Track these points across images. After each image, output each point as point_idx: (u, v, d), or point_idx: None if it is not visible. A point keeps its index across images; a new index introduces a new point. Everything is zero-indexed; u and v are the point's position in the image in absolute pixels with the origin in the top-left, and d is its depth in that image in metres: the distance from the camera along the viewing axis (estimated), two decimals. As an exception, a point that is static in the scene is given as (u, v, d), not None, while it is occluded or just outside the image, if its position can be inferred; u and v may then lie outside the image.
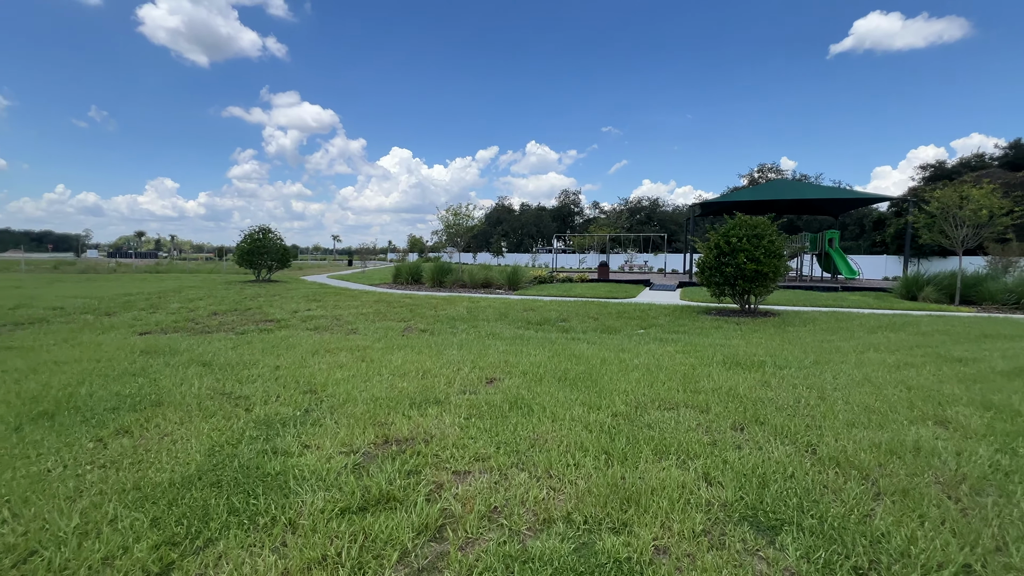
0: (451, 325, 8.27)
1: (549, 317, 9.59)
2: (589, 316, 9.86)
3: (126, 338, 6.50)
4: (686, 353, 5.78)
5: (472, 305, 11.28)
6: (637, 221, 65.30)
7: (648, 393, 3.96)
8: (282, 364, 4.90)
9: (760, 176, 49.86)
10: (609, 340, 7.02)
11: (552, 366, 4.92)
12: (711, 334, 7.67)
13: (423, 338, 6.84)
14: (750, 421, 3.32)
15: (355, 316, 9.06)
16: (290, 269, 30.84)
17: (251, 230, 17.87)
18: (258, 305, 10.50)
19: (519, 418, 3.33)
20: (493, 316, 9.56)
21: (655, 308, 11.21)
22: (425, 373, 4.62)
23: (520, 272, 16.79)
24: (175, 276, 22.24)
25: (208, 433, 2.99)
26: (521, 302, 12.16)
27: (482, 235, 71.17)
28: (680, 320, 9.34)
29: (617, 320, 9.42)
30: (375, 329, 7.62)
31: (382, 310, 10.11)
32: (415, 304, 11.31)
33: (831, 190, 20.39)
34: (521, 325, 8.64)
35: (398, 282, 18.47)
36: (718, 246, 9.80)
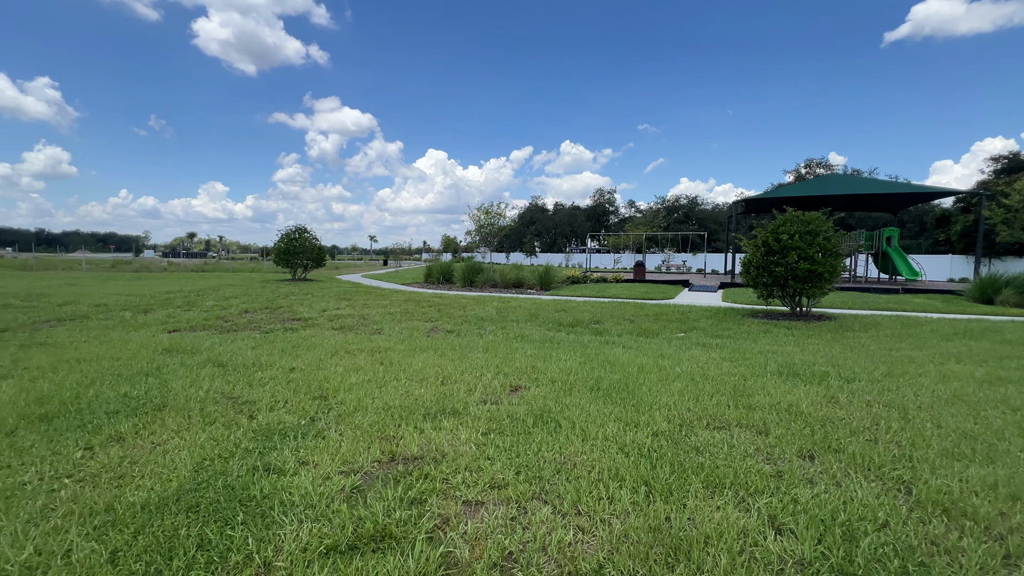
0: (479, 326, 7.94)
1: (582, 319, 9.11)
2: (624, 318, 9.31)
3: (154, 335, 6.49)
4: (734, 361, 5.21)
5: (502, 305, 10.93)
6: (675, 220, 63.39)
7: (694, 408, 3.47)
8: (298, 366, 4.67)
9: (808, 172, 47.30)
10: (647, 344, 6.50)
11: (584, 373, 4.47)
12: (760, 339, 7.01)
13: (448, 339, 6.52)
14: (820, 447, 2.78)
15: (382, 316, 8.87)
16: (327, 268, 31.48)
17: (288, 230, 18.20)
18: (289, 304, 10.50)
19: (544, 435, 2.92)
20: (523, 317, 9.17)
21: (696, 310, 10.52)
22: (445, 379, 4.27)
23: (552, 272, 16.33)
24: (218, 275, 22.98)
25: (202, 444, 2.74)
26: (553, 303, 11.71)
27: (515, 235, 70.92)
28: (724, 323, 8.66)
29: (655, 322, 8.84)
30: (400, 329, 7.37)
31: (410, 310, 9.89)
32: (444, 304, 11.06)
33: (890, 184, 18.89)
34: (552, 327, 8.21)
35: (429, 282, 18.37)
36: (766, 244, 9.05)
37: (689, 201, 65.80)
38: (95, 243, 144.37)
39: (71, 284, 15.86)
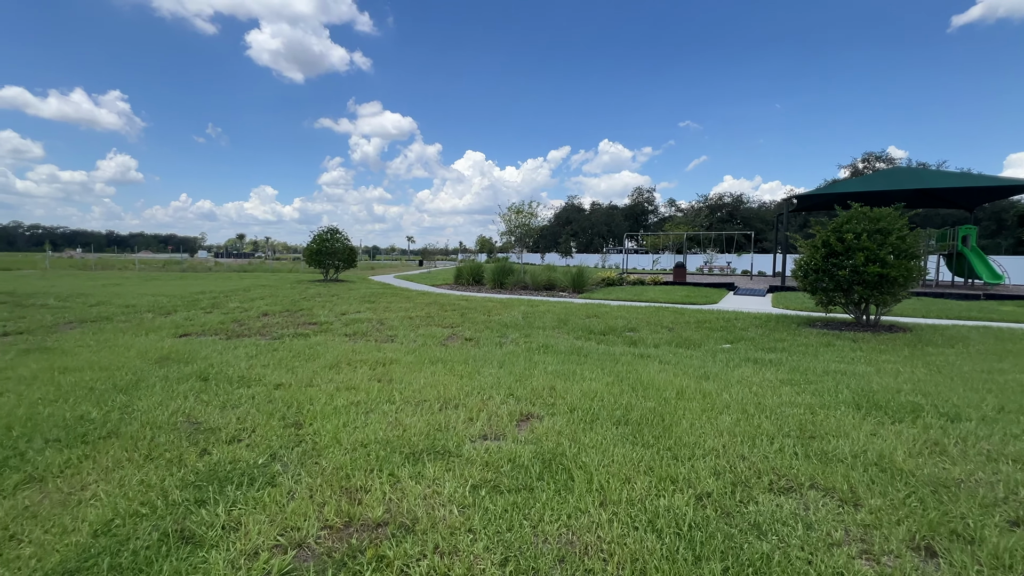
0: (501, 333, 7.31)
1: (615, 326, 8.32)
2: (662, 325, 8.45)
3: (160, 340, 6.22)
4: (795, 384, 4.34)
5: (529, 310, 10.26)
6: (718, 219, 60.73)
7: (749, 456, 2.70)
8: (287, 382, 4.17)
9: (866, 167, 44.06)
10: (687, 358, 5.67)
11: (611, 399, 3.75)
12: (822, 354, 6.04)
13: (464, 349, 5.92)
14: (941, 532, 1.97)
15: (401, 320, 8.39)
16: (361, 269, 31.76)
17: (319, 231, 18.20)
18: (311, 306, 10.23)
19: (551, 494, 2.25)
20: (551, 323, 8.48)
21: (743, 317, 9.50)
22: (446, 403, 3.66)
23: (585, 274, 15.51)
24: (256, 275, 23.45)
25: (127, 492, 2.23)
26: (584, 307, 10.94)
27: (551, 235, 70.01)
28: (776, 333, 7.67)
29: (696, 331, 7.94)
30: (415, 337, 6.84)
31: (432, 314, 9.39)
32: (469, 308, 10.51)
33: (967, 177, 16.91)
34: (581, 335, 7.48)
35: (459, 283, 17.93)
36: (827, 244, 7.97)
37: (733, 199, 62.95)
38: (157, 244, 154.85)
39: (116, 284, 16.39)
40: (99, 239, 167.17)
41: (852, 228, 7.70)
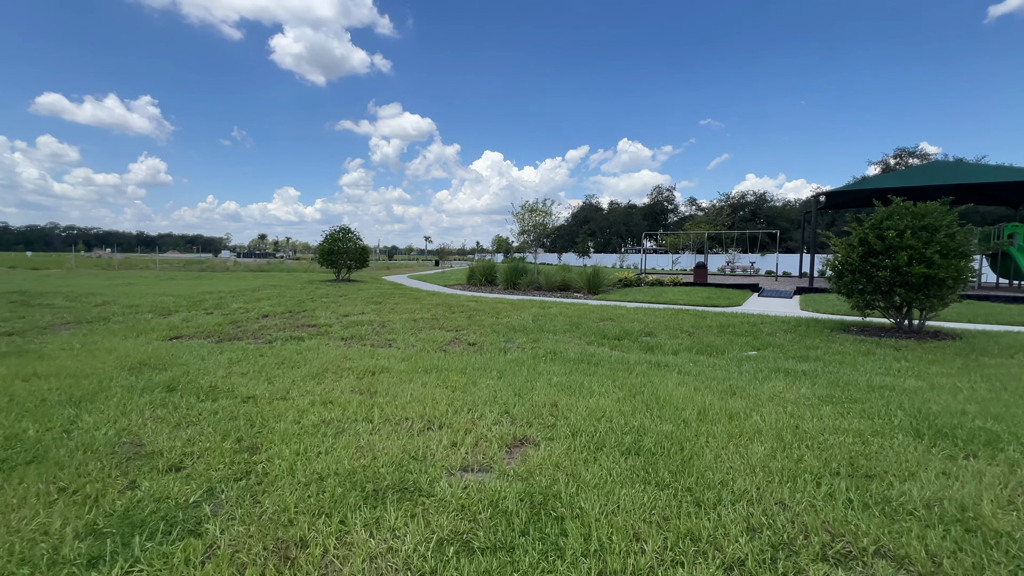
0: (507, 338, 6.83)
1: (631, 330, 7.76)
2: (682, 330, 7.86)
3: (145, 344, 5.92)
4: (838, 403, 3.75)
5: (541, 312, 9.76)
6: (740, 218, 59.16)
7: (791, 502, 2.16)
8: (259, 394, 3.77)
9: (899, 163, 42.20)
10: (710, 368, 5.11)
11: (621, 419, 3.24)
12: (862, 364, 5.39)
13: (464, 356, 5.46)
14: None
15: (404, 323, 7.98)
16: (376, 269, 31.67)
17: (331, 231, 18.01)
18: (314, 308, 9.91)
19: (535, 558, 1.76)
20: (562, 326, 7.97)
21: (769, 321, 8.83)
22: (430, 422, 3.19)
23: (601, 274, 14.92)
24: (270, 275, 23.46)
25: (12, 544, 1.82)
26: (599, 309, 10.38)
27: (568, 235, 69.25)
28: (808, 339, 7.01)
29: (719, 336, 7.34)
30: (414, 341, 6.41)
31: (438, 315, 8.97)
32: (477, 309, 10.06)
33: (1016, 171, 15.75)
34: (594, 339, 6.96)
35: (472, 283, 17.53)
36: (865, 242, 7.27)
37: (756, 197, 61.26)
38: (184, 244, 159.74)
39: (129, 284, 16.44)
40: (130, 239, 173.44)
41: (894, 225, 6.99)
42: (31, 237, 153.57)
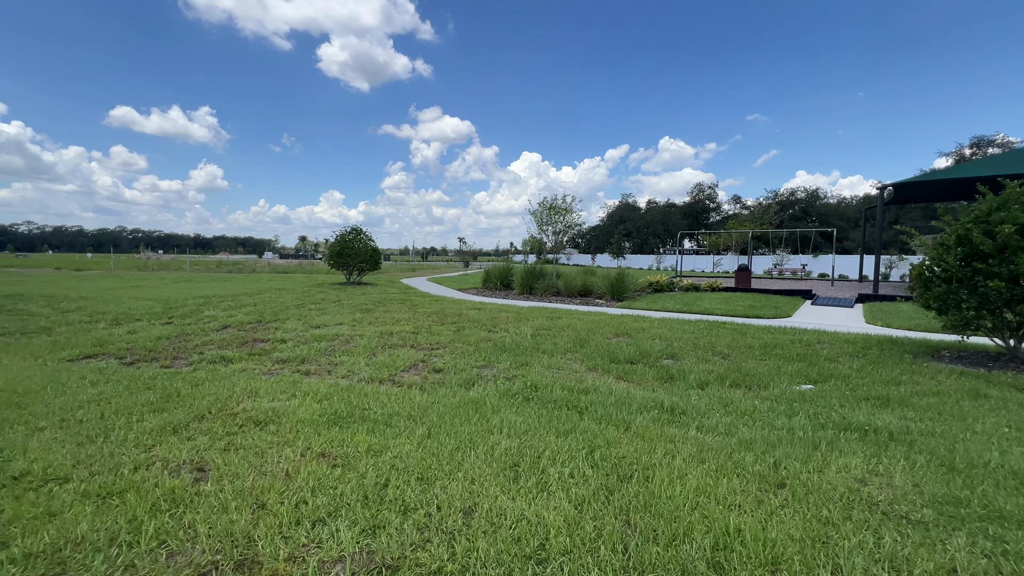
0: (486, 362, 5.51)
1: (649, 349, 6.26)
2: (715, 350, 6.28)
3: (26, 370, 4.97)
4: (969, 516, 2.19)
5: (547, 324, 8.36)
6: (789, 217, 55.19)
7: None
8: (34, 472, 2.59)
9: (975, 153, 37.76)
10: (745, 418, 3.60)
11: (585, 543, 1.84)
12: (976, 416, 3.72)
13: (408, 394, 4.16)
14: None
15: (373, 338, 6.79)
16: (401, 271, 31.05)
17: (342, 232, 17.19)
18: (289, 316, 8.90)
19: None
20: (564, 344, 6.56)
21: (828, 338, 7.08)
22: (227, 556, 1.91)
23: (627, 278, 13.31)
24: (288, 277, 23.07)
25: None
26: (618, 320, 8.87)
27: (603, 235, 66.93)
28: (885, 368, 5.31)
29: (761, 360, 5.74)
30: (365, 366, 5.18)
31: (422, 328, 7.73)
32: (474, 320, 8.77)
33: None
34: (599, 363, 5.54)
35: (487, 287, 16.28)
36: (966, 241, 5.47)
37: (808, 194, 57.01)
38: (235, 246, 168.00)
39: (135, 287, 16.16)
40: (188, 241, 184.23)
41: (1011, 217, 5.15)
42: (102, 240, 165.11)
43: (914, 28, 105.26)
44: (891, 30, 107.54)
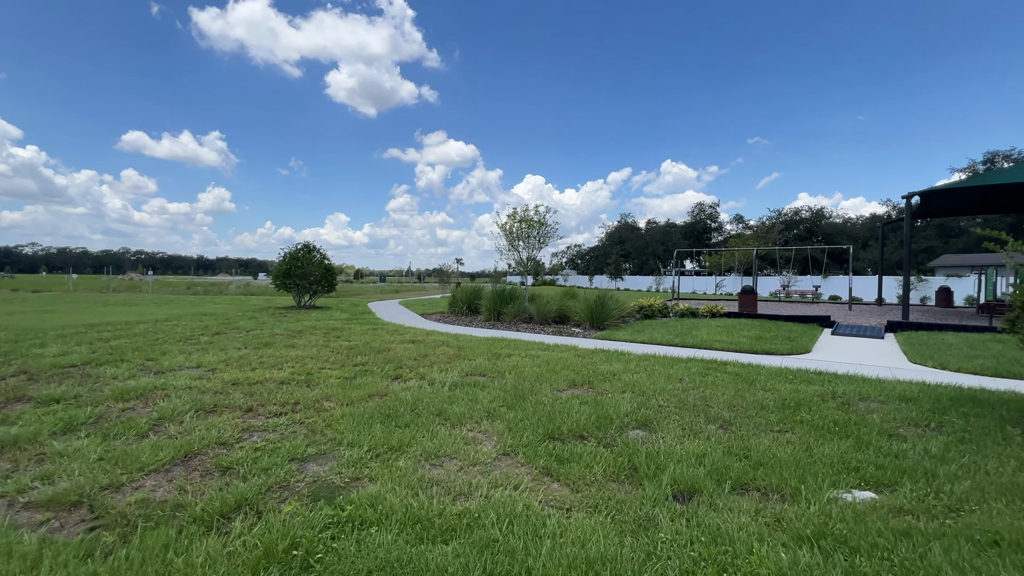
0: (334, 441, 3.43)
1: (613, 413, 4.18)
2: (709, 414, 4.17)
3: None
4: None
5: (487, 366, 6.26)
6: (794, 236, 53.20)
7: None
8: None
9: (990, 168, 35.87)
10: None
11: None
12: None
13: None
14: None
15: (212, 393, 4.70)
16: (384, 294, 29.04)
17: (292, 249, 15.16)
18: (161, 353, 6.83)
19: None
20: (489, 404, 4.46)
21: (873, 392, 4.95)
22: None
23: (609, 303, 11.18)
24: (239, 300, 21.07)
25: None
26: (585, 361, 6.75)
27: (602, 256, 65.03)
28: (986, 457, 3.21)
29: (780, 433, 3.68)
30: (95, 458, 3.09)
31: (305, 373, 5.65)
32: (394, 359, 6.68)
33: None
34: (524, 444, 3.47)
35: (453, 311, 14.20)
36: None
37: (813, 214, 55.17)
38: (238, 267, 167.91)
39: (45, 310, 14.13)
40: (191, 263, 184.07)
41: None
42: (105, 261, 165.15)
43: (911, 52, 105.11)
44: (889, 54, 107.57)
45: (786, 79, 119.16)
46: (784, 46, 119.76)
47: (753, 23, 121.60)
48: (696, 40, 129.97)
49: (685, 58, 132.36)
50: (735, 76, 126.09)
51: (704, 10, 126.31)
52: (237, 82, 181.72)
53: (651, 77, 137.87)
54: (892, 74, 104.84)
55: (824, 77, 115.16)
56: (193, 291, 27.36)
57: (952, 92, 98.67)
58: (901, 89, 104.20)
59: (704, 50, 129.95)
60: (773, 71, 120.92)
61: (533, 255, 12.57)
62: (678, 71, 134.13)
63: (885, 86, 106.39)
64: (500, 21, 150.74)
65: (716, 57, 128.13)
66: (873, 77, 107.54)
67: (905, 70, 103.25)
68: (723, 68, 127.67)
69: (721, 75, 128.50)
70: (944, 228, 45.02)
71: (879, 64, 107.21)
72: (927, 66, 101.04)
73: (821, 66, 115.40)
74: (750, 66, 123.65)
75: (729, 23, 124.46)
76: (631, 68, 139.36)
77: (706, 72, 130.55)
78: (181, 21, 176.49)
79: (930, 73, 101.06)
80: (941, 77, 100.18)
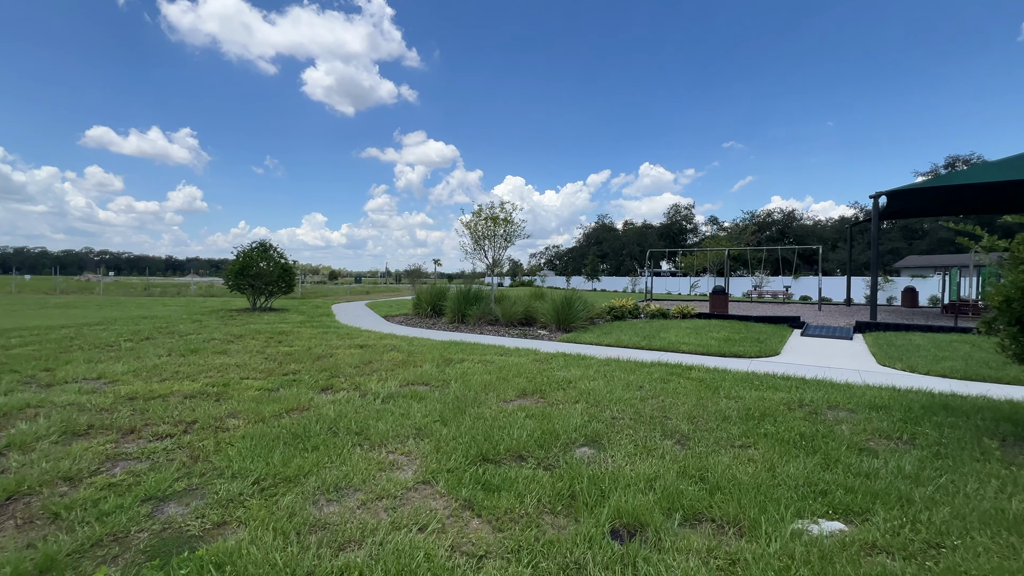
0: (217, 471, 2.87)
1: (561, 427, 3.72)
2: (666, 427, 3.74)
3: None
4: None
5: (433, 374, 5.74)
6: (767, 238, 54.07)
7: None
8: None
9: (951, 171, 36.97)
10: None
11: None
12: None
13: None
14: None
15: (95, 412, 4.06)
16: (356, 294, 28.16)
17: (247, 247, 14.31)
18: (64, 362, 6.10)
19: None
20: (421, 419, 3.95)
21: (842, 399, 4.61)
22: None
23: (575, 305, 10.77)
24: (195, 302, 20.03)
25: None
26: (541, 366, 6.29)
27: (579, 257, 64.98)
28: (963, 476, 2.84)
29: (742, 448, 3.25)
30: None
31: (224, 383, 5.04)
32: (333, 366, 6.11)
33: None
34: (451, 469, 2.98)
35: (417, 313, 13.60)
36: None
37: (784, 215, 56.19)
38: (210, 268, 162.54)
39: None
40: (159, 263, 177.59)
41: None
42: (66, 261, 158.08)
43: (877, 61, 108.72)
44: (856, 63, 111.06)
45: (760, 85, 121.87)
46: (759, 53, 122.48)
47: (729, 29, 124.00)
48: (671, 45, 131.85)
49: (662, 63, 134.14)
50: (710, 81, 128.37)
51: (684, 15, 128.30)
52: (209, 78, 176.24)
53: (631, 80, 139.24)
54: (860, 82, 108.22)
55: (796, 84, 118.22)
56: (150, 292, 25.97)
57: (915, 99, 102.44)
58: (868, 96, 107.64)
59: (683, 55, 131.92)
60: (747, 76, 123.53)
61: (499, 255, 12.06)
62: (655, 76, 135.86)
63: (853, 94, 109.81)
64: (481, 21, 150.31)
65: (694, 62, 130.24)
66: (843, 85, 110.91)
67: (871, 79, 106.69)
68: (701, 72, 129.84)
69: (697, 79, 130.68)
70: (909, 230, 46.33)
71: (848, 72, 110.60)
72: (892, 75, 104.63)
73: (793, 73, 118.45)
74: (726, 71, 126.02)
75: (706, 29, 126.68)
76: (611, 71, 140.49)
77: (683, 77, 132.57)
78: (150, 14, 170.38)
79: (895, 81, 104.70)
80: (905, 85, 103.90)
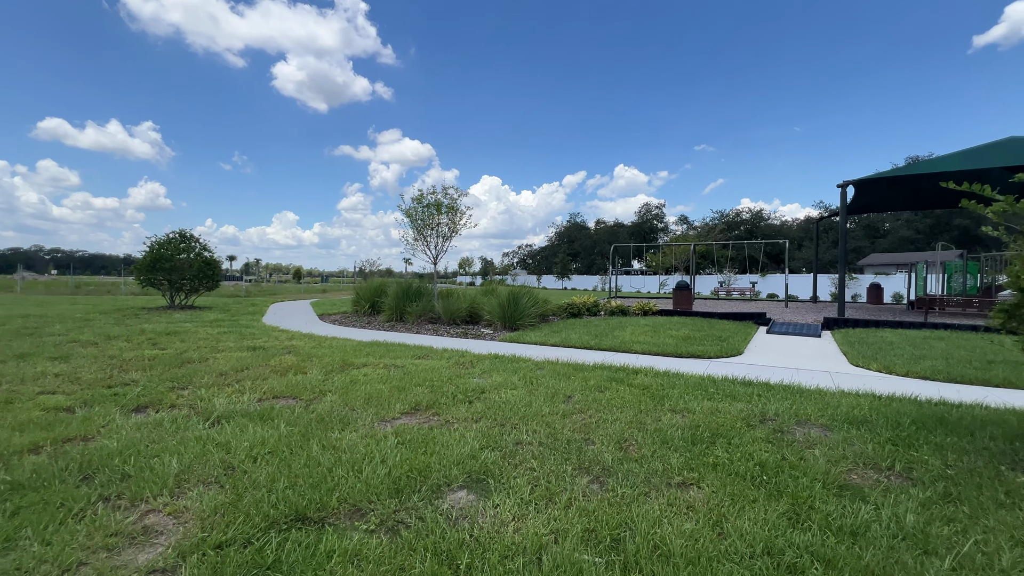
0: None
1: (436, 462, 2.59)
2: (584, 456, 2.66)
3: None
4: None
5: (317, 382, 4.58)
6: (735, 237, 54.44)
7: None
8: None
9: (910, 172, 37.64)
10: None
11: None
12: None
13: None
14: None
15: None
16: (313, 293, 26.49)
17: (160, 238, 12.62)
18: None
19: None
20: (246, 453, 2.78)
21: (813, 410, 3.65)
22: None
23: (523, 302, 9.71)
24: (119, 300, 18.20)
25: None
26: (459, 371, 5.19)
27: (551, 255, 64.23)
28: (952, 517, 1.83)
29: (681, 489, 2.16)
30: None
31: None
32: (184, 375, 4.86)
33: None
34: (203, 561, 1.74)
35: (356, 311, 12.33)
36: None
37: (752, 215, 56.73)
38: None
39: None
40: (117, 262, 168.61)
41: None
42: (13, 260, 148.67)
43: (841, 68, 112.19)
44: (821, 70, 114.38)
45: (729, 89, 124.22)
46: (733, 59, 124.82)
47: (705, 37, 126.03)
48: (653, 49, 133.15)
49: (638, 67, 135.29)
50: (683, 84, 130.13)
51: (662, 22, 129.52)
52: (173, 70, 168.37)
53: (608, 81, 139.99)
54: (826, 89, 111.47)
55: (766, 90, 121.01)
56: (76, 292, 23.68)
57: (878, 104, 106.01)
58: (834, 102, 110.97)
59: (660, 59, 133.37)
60: (718, 81, 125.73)
61: (442, 246, 10.90)
62: (631, 78, 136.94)
63: (819, 100, 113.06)
64: (459, 20, 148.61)
65: (671, 66, 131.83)
66: (810, 91, 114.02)
67: (837, 86, 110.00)
68: (676, 77, 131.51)
69: (671, 83, 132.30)
70: (872, 229, 47.24)
71: (815, 79, 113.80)
72: (856, 82, 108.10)
73: (763, 79, 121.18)
74: (701, 76, 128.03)
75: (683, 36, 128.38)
76: (586, 74, 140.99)
77: (657, 81, 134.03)
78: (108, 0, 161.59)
79: (859, 88, 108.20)
80: (869, 91, 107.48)
